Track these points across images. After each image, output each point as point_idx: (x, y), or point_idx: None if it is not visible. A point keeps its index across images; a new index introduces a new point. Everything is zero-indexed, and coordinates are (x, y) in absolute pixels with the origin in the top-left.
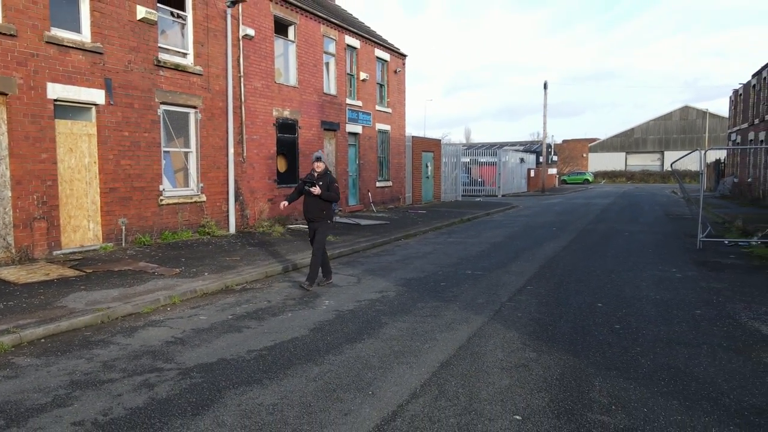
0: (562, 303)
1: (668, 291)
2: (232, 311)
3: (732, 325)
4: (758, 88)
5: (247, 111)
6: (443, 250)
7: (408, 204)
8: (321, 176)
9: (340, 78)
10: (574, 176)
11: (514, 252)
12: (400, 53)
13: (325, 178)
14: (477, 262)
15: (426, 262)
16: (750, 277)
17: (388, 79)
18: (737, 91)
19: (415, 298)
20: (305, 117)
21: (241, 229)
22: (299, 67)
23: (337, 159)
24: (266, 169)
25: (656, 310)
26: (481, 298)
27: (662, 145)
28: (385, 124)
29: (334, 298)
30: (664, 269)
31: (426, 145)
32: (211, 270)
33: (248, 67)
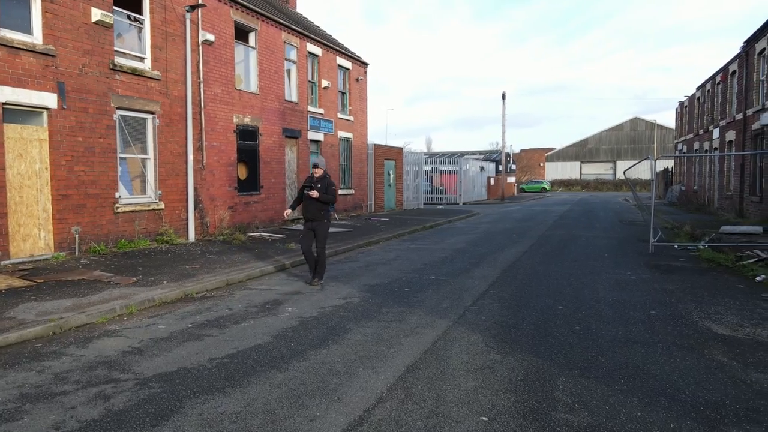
0: (524, 306)
1: (624, 293)
2: (192, 319)
3: (684, 324)
4: (702, 101)
5: (207, 117)
6: (407, 257)
7: (370, 212)
8: (319, 180)
9: (302, 85)
10: (532, 185)
11: (476, 257)
12: (362, 61)
13: (324, 181)
14: (441, 267)
15: (390, 269)
16: (699, 278)
17: (350, 87)
18: (683, 103)
19: (379, 303)
20: (266, 124)
21: (201, 237)
22: (260, 74)
23: (299, 167)
24: (226, 176)
25: (614, 312)
26: (446, 303)
27: (614, 155)
28: (347, 131)
29: (298, 304)
30: (619, 272)
31: (388, 153)
32: (170, 278)
33: (208, 73)
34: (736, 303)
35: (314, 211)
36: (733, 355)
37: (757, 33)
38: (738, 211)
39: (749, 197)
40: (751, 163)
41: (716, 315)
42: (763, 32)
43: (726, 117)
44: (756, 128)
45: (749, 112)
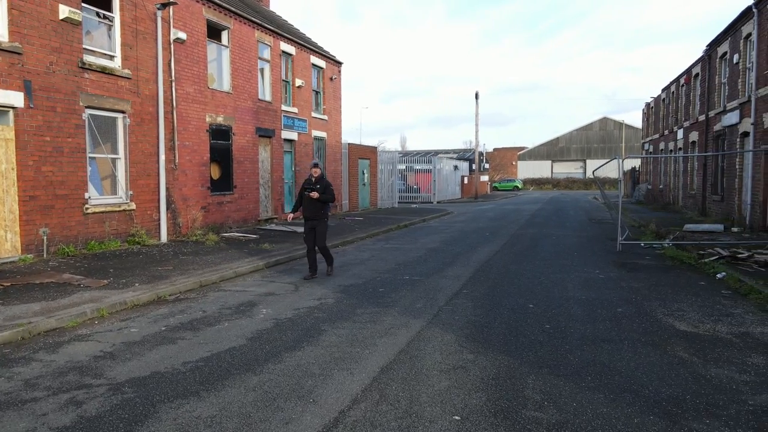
0: (496, 305)
1: (592, 291)
2: (166, 322)
3: (649, 322)
4: (667, 102)
5: (179, 116)
6: (381, 257)
7: (345, 211)
8: (318, 180)
9: (276, 84)
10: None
11: (450, 257)
12: (336, 60)
13: (322, 182)
14: (415, 267)
15: (364, 269)
16: (663, 276)
17: (323, 86)
18: (649, 104)
19: (354, 304)
20: (240, 123)
21: (173, 238)
22: (233, 73)
23: (273, 166)
24: (199, 176)
25: (582, 310)
26: (420, 303)
27: (584, 154)
28: (321, 131)
29: (272, 306)
30: (588, 271)
31: (362, 152)
32: (142, 280)
33: (180, 72)
34: (697, 300)
35: (314, 210)
36: (694, 351)
37: (719, 37)
38: (701, 209)
39: (711, 196)
40: (713, 163)
41: (679, 312)
42: (725, 36)
43: (689, 118)
44: (718, 129)
45: (711, 113)
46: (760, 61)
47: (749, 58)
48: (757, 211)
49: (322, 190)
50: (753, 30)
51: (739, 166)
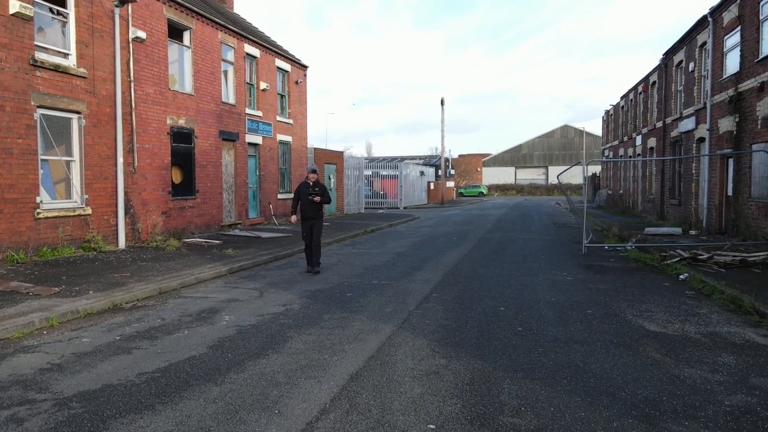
0: (467, 309)
1: (562, 293)
2: (121, 331)
3: (619, 323)
4: (626, 109)
5: (139, 118)
6: (348, 261)
7: None
8: (316, 184)
9: (240, 87)
10: (470, 189)
11: (419, 261)
12: (301, 64)
13: (320, 186)
14: (383, 271)
15: (331, 274)
16: (629, 277)
17: (289, 90)
18: (609, 111)
19: (321, 310)
20: (202, 126)
21: (132, 244)
22: (195, 74)
23: (237, 170)
24: (160, 180)
25: (553, 312)
26: (389, 307)
27: (546, 161)
28: (286, 135)
29: (235, 312)
30: (556, 273)
31: (328, 157)
32: (97, 288)
33: (139, 72)
34: (664, 301)
35: (314, 211)
36: (666, 352)
37: (675, 46)
38: (659, 213)
39: (669, 200)
40: (671, 169)
41: (647, 313)
42: (680, 45)
43: (648, 125)
44: (675, 135)
45: (668, 120)
46: (715, 68)
47: (704, 66)
48: (714, 214)
49: (322, 194)
50: (708, 39)
51: (696, 171)
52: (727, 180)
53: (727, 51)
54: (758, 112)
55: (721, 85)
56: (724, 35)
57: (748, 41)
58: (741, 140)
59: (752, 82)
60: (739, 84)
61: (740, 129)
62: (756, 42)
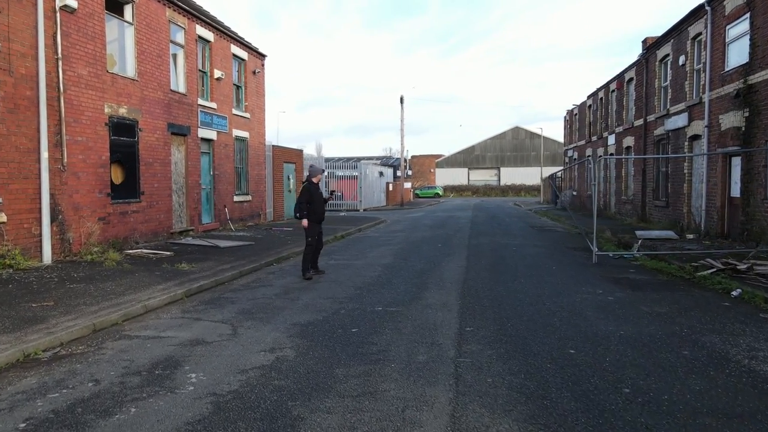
0: (526, 353)
1: (623, 322)
2: (30, 410)
3: (745, 373)
4: (594, 109)
5: (69, 104)
6: (332, 277)
7: (270, 220)
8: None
9: (191, 74)
10: (425, 190)
11: (415, 275)
12: (259, 53)
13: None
14: (381, 292)
15: (318, 296)
16: (673, 295)
17: (246, 81)
18: (572, 111)
19: (326, 358)
20: (148, 117)
21: (61, 258)
22: (139, 56)
23: (188, 169)
24: (96, 179)
25: (642, 355)
26: (421, 353)
27: (499, 162)
28: (243, 130)
29: (205, 365)
30: (588, 290)
31: (288, 155)
32: (3, 327)
33: (69, 48)
34: (753, 330)
35: (323, 213)
36: None
37: (659, 40)
38: (640, 215)
39: (653, 201)
40: (654, 168)
41: (757, 352)
42: (666, 38)
43: (623, 123)
44: (659, 133)
45: (650, 117)
46: (715, 61)
47: (698, 59)
48: (714, 216)
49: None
50: (705, 29)
51: (688, 171)
52: (729, 180)
53: (730, 41)
54: None
55: (723, 78)
56: (725, 24)
57: (760, 29)
58: (752, 136)
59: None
60: (749, 76)
61: (751, 124)
62: None
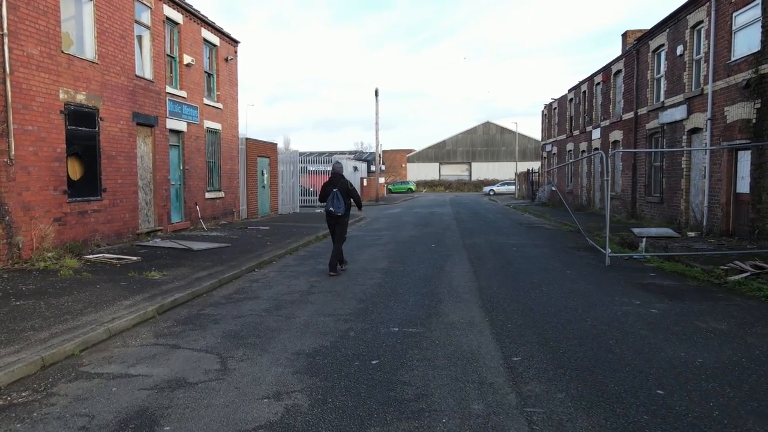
0: (606, 395)
1: (691, 345)
2: None
3: None
4: (576, 102)
5: (17, 88)
6: (326, 287)
7: (244, 218)
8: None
9: (158, 59)
10: (398, 185)
11: (421, 283)
12: (231, 38)
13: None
14: (388, 306)
15: (316, 312)
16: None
17: (217, 68)
18: (551, 105)
19: (352, 409)
20: (110, 105)
21: (8, 265)
22: (100, 36)
23: (156, 163)
24: (50, 175)
25: (749, 398)
26: (475, 401)
27: (470, 157)
28: (215, 122)
29: (191, 426)
30: (622, 300)
31: (261, 149)
32: None
33: (18, 24)
34: None
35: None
36: None
37: (653, 30)
38: (630, 212)
39: (645, 197)
40: (646, 163)
41: None
42: (661, 28)
43: (610, 117)
44: (653, 127)
45: (642, 110)
46: (719, 50)
47: (699, 49)
48: (718, 213)
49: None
50: (707, 18)
51: (686, 166)
52: (735, 175)
53: (737, 29)
54: None
55: (729, 68)
56: (732, 11)
57: None
58: (765, 129)
59: None
60: (761, 65)
61: (763, 116)
62: None
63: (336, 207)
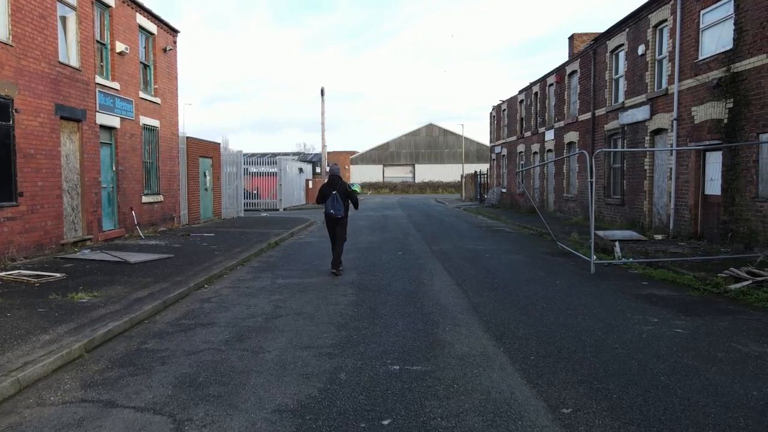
0: None
1: (747, 378)
2: None
3: None
4: (528, 103)
5: None
6: (293, 307)
7: (185, 224)
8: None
9: (87, 45)
10: None
11: (404, 301)
12: (170, 27)
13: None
14: (375, 332)
15: (289, 343)
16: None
17: (155, 59)
18: (499, 106)
19: None
20: (28, 95)
21: None
22: (14, 14)
23: (83, 164)
24: None
25: None
26: None
27: (413, 159)
28: (152, 118)
29: None
30: (637, 318)
31: (204, 149)
32: None
33: None
34: None
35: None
36: None
37: (611, 30)
38: (587, 214)
39: (604, 199)
40: (604, 164)
41: None
42: (619, 28)
43: (564, 118)
44: (612, 128)
45: (600, 111)
46: (686, 49)
47: (661, 49)
48: (685, 216)
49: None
50: (671, 16)
51: (649, 167)
52: (704, 177)
53: (705, 28)
54: None
55: (697, 67)
56: (700, 9)
57: (749, 11)
58: (738, 129)
59: (762, 58)
60: (734, 63)
61: (736, 116)
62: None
63: (336, 209)
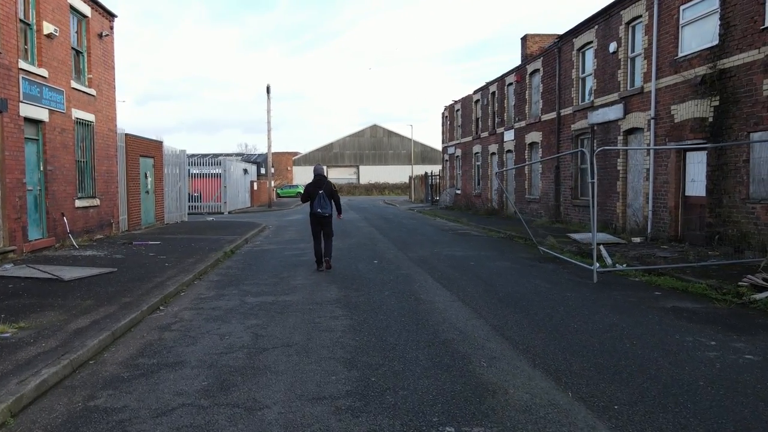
0: None
1: None
2: None
3: None
4: (485, 103)
5: None
6: (278, 336)
7: (125, 230)
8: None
9: (7, 23)
10: (287, 189)
11: (412, 325)
12: (107, 11)
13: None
14: (398, 373)
15: (290, 393)
16: None
17: (89, 46)
18: (452, 106)
19: None
20: None
21: None
22: None
23: (4, 162)
24: None
25: None
26: None
27: (358, 160)
28: (87, 111)
29: None
30: (688, 341)
31: (144, 148)
32: None
33: None
34: None
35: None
36: None
37: (578, 27)
38: (554, 215)
39: (572, 201)
40: (573, 165)
41: None
42: (588, 25)
43: (525, 118)
44: (580, 128)
45: (566, 111)
46: (664, 46)
47: (634, 46)
48: (665, 218)
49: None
50: (646, 12)
51: (623, 168)
52: (685, 178)
53: (685, 24)
54: (766, 91)
55: (677, 64)
56: (679, 5)
57: (736, 5)
58: (725, 128)
59: (754, 54)
60: (720, 60)
61: (723, 114)
62: (760, 4)
63: (323, 208)
